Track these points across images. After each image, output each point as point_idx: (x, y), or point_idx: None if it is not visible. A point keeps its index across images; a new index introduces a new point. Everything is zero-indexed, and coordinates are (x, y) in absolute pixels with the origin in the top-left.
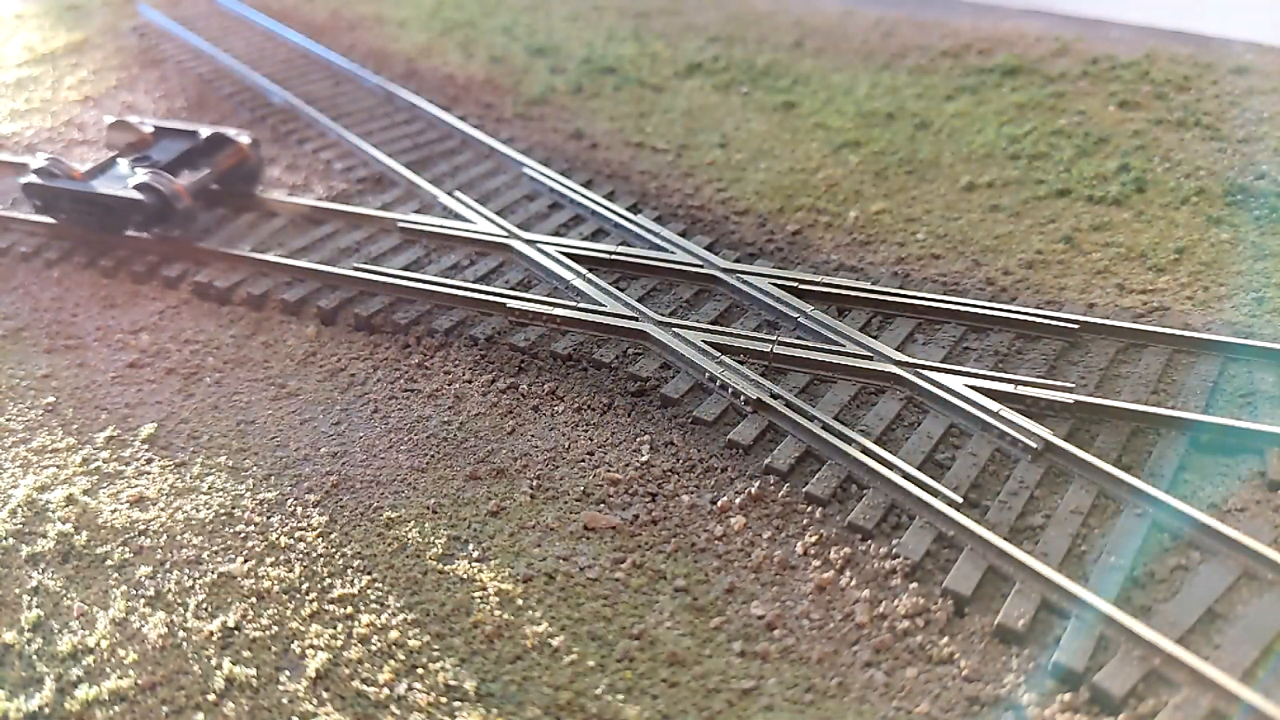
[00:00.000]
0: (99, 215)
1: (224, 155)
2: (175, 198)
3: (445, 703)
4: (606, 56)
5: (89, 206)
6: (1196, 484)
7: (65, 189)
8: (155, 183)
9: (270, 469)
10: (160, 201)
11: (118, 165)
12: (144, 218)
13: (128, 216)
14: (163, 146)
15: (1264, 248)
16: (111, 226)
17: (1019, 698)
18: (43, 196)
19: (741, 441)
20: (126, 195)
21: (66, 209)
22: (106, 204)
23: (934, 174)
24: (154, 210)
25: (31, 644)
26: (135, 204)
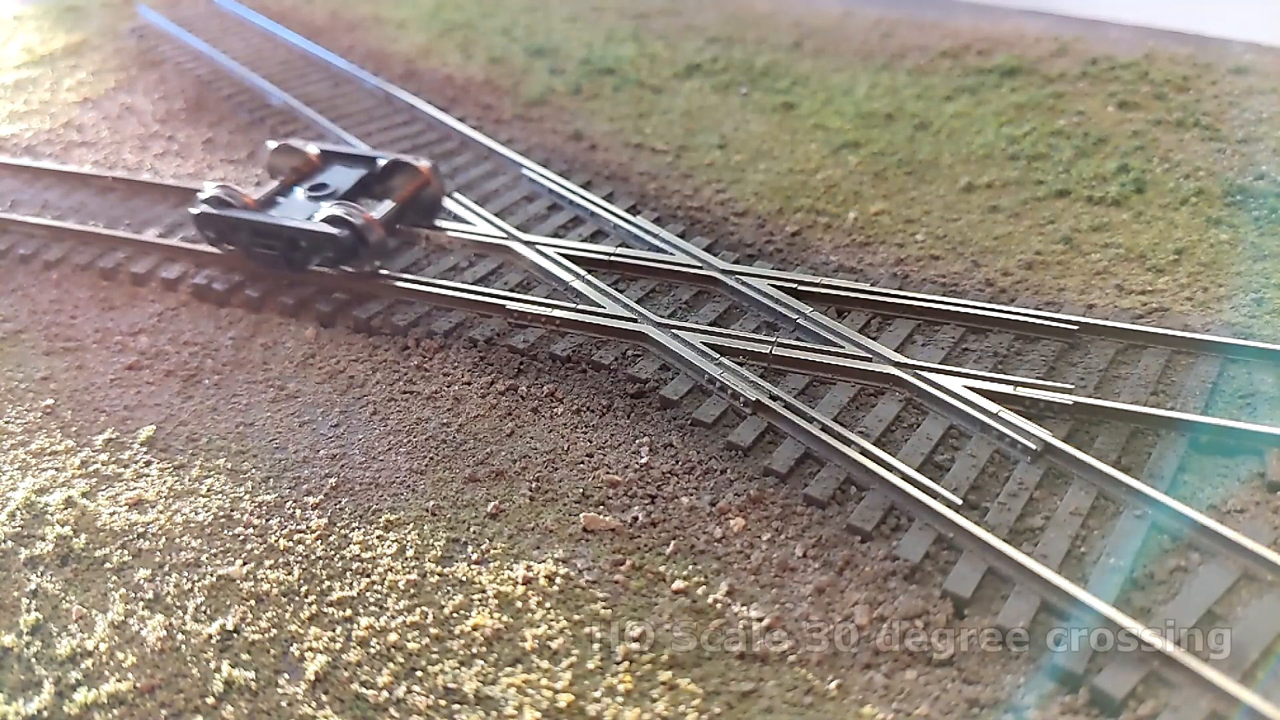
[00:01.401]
0: (283, 249)
1: (404, 182)
2: (368, 230)
3: (445, 705)
4: (606, 57)
5: (272, 240)
6: (1196, 485)
7: (245, 220)
8: (348, 215)
9: (269, 471)
10: (354, 235)
11: (294, 194)
12: (336, 252)
13: (316, 251)
14: (335, 173)
15: (1263, 248)
16: (296, 261)
17: (1018, 700)
18: (217, 228)
19: (741, 443)
20: (317, 228)
21: (244, 241)
22: (293, 237)
23: (933, 175)
24: (347, 244)
25: (30, 647)
26: (327, 238)
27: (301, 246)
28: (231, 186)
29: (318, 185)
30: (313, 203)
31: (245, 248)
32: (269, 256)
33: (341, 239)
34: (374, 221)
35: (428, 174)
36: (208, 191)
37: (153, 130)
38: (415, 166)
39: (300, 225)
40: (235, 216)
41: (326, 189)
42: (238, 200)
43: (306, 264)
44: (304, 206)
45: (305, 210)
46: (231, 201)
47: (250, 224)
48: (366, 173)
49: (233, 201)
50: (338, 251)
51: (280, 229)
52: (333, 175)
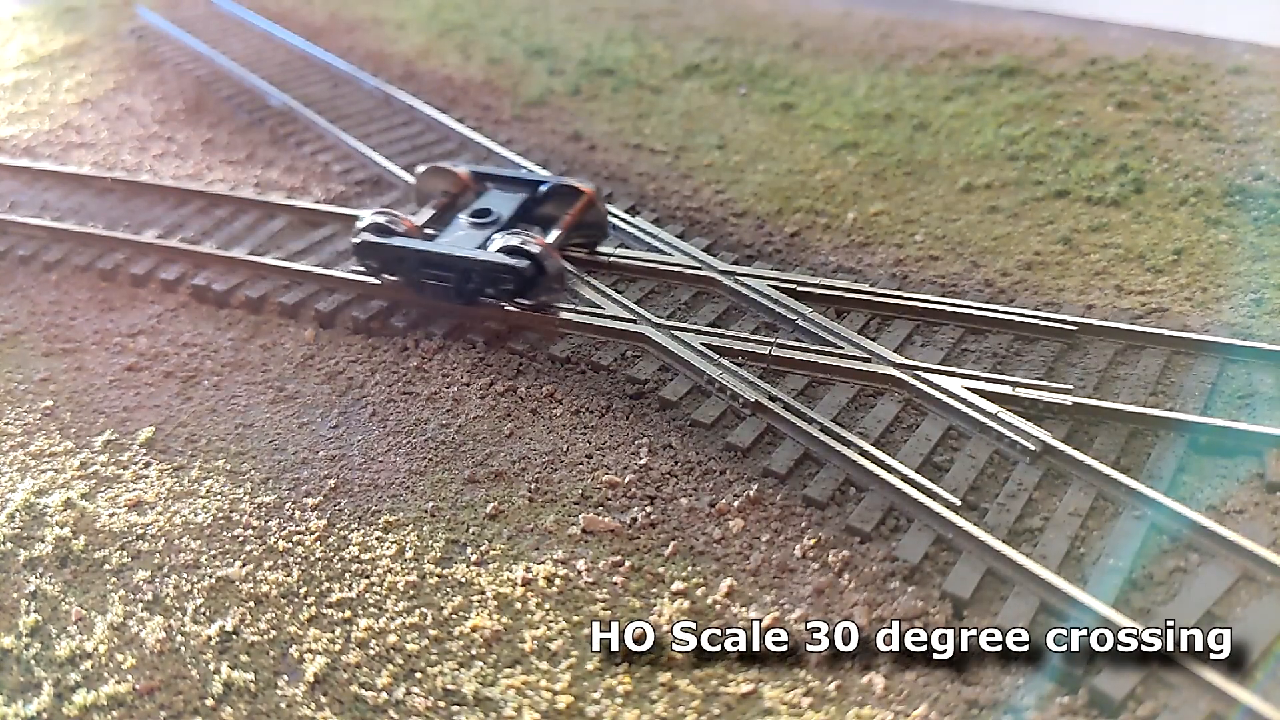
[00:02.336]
0: (456, 281)
1: (567, 206)
2: (549, 260)
3: (444, 707)
4: (605, 58)
5: (444, 271)
6: (1195, 486)
7: (415, 250)
8: (527, 244)
9: (268, 472)
10: (535, 266)
11: (457, 221)
12: (515, 285)
13: (493, 283)
14: (496, 198)
15: (1262, 248)
16: (468, 293)
17: (1018, 701)
18: (382, 258)
19: (740, 444)
20: (497, 259)
21: (410, 272)
22: (468, 269)
23: (932, 175)
24: (528, 276)
25: (29, 649)
26: (507, 269)
27: (476, 278)
28: (393, 212)
29: (480, 211)
30: (478, 230)
31: (411, 279)
32: (439, 289)
33: (523, 270)
34: (554, 251)
35: (592, 196)
36: (369, 219)
37: (152, 131)
38: (579, 189)
39: (478, 256)
40: (404, 246)
41: (490, 215)
42: (402, 227)
43: (479, 296)
44: (470, 234)
45: (472, 238)
46: (396, 229)
47: (420, 254)
48: (527, 197)
49: (397, 229)
50: (518, 283)
51: (455, 260)
52: (493, 200)
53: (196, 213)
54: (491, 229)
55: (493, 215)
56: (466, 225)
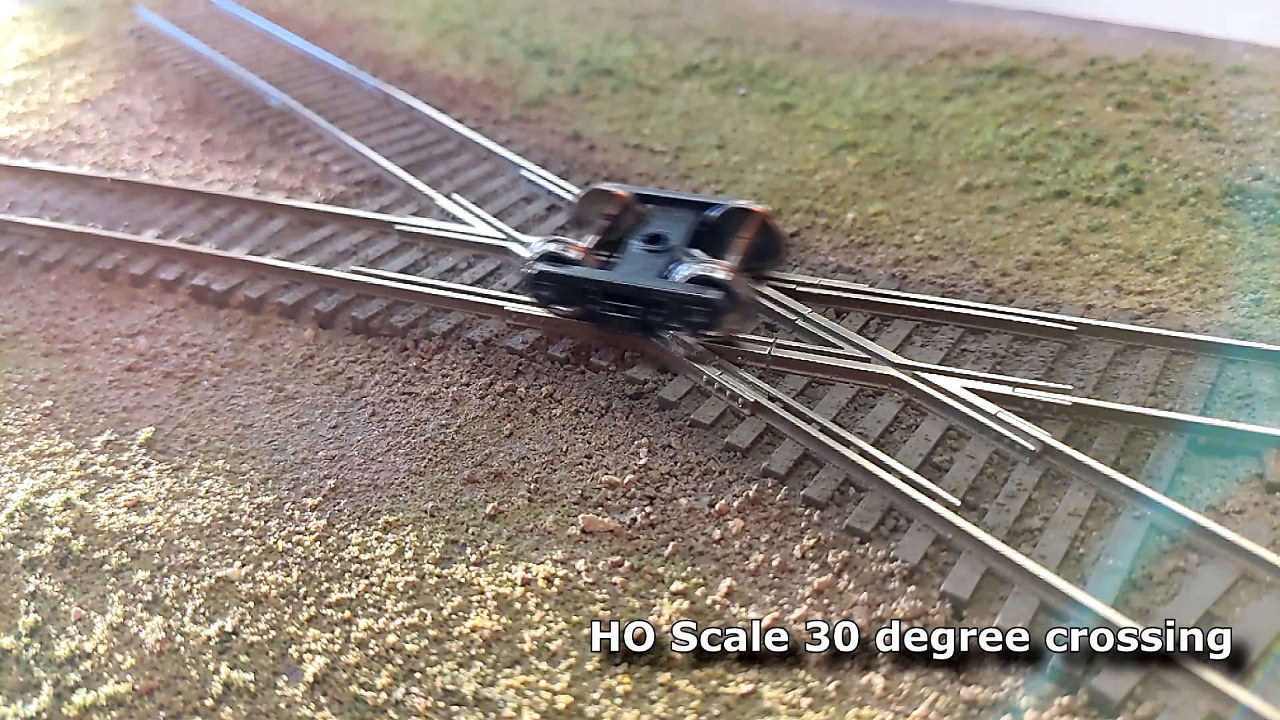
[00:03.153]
0: (640, 313)
1: (741, 229)
2: (741, 290)
3: (444, 707)
4: (604, 58)
5: (628, 302)
6: (1194, 486)
7: (598, 282)
8: (717, 273)
9: (268, 473)
10: (728, 296)
11: (631, 247)
12: (707, 316)
13: (681, 315)
14: (666, 222)
15: (1262, 249)
16: (653, 326)
17: (1017, 701)
18: (560, 289)
19: (739, 444)
20: (689, 291)
21: (590, 304)
22: (656, 300)
23: (932, 175)
24: (720, 307)
25: (29, 649)
26: (699, 301)
27: (663, 310)
28: (565, 239)
29: (653, 237)
30: (654, 257)
31: (590, 310)
32: (622, 320)
33: (716, 302)
34: (743, 279)
35: (766, 217)
36: (542, 247)
37: (151, 131)
38: (751, 210)
39: (669, 289)
40: (587, 277)
41: (664, 242)
42: (575, 255)
43: (664, 328)
44: (647, 262)
45: (649, 266)
46: (573, 258)
47: (604, 286)
48: (696, 220)
49: (574, 258)
50: (709, 315)
51: (641, 291)
52: (663, 225)
53: (196, 213)
54: (667, 256)
55: (667, 241)
56: (641, 252)
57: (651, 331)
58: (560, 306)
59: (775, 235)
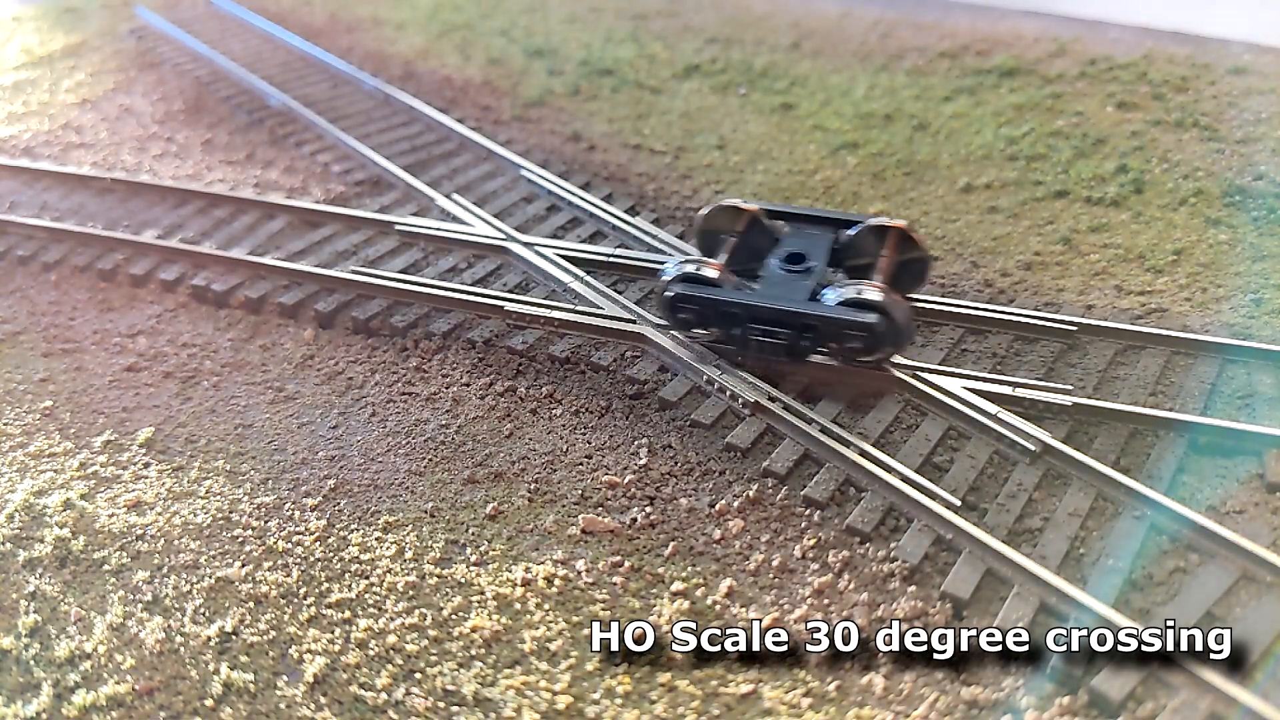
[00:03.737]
0: (791, 338)
1: (883, 247)
2: (902, 314)
3: (444, 707)
4: (604, 58)
5: (776, 327)
6: (1195, 486)
7: (745, 305)
8: (874, 296)
9: (268, 473)
10: (887, 321)
11: (769, 267)
12: (865, 342)
13: (835, 339)
14: (801, 239)
15: (1262, 249)
16: (802, 351)
17: (1017, 701)
18: (699, 312)
19: (739, 444)
20: (846, 315)
21: (736, 328)
22: (809, 324)
23: (932, 175)
24: (881, 332)
25: (29, 649)
26: (857, 326)
27: (815, 334)
28: (702, 259)
29: (794, 256)
30: (796, 278)
31: (734, 335)
32: (769, 345)
33: (875, 326)
34: (904, 303)
35: (908, 232)
36: (678, 268)
37: (151, 131)
38: (891, 225)
39: (823, 312)
40: (732, 300)
41: (805, 261)
42: (715, 276)
43: (812, 354)
44: (791, 283)
45: (795, 288)
46: (711, 279)
47: (751, 309)
48: (833, 237)
49: (713, 278)
50: (868, 341)
51: (794, 315)
52: (801, 243)
53: (196, 213)
54: (811, 277)
55: (808, 261)
56: (783, 273)
57: (800, 357)
58: (698, 330)
59: (919, 252)
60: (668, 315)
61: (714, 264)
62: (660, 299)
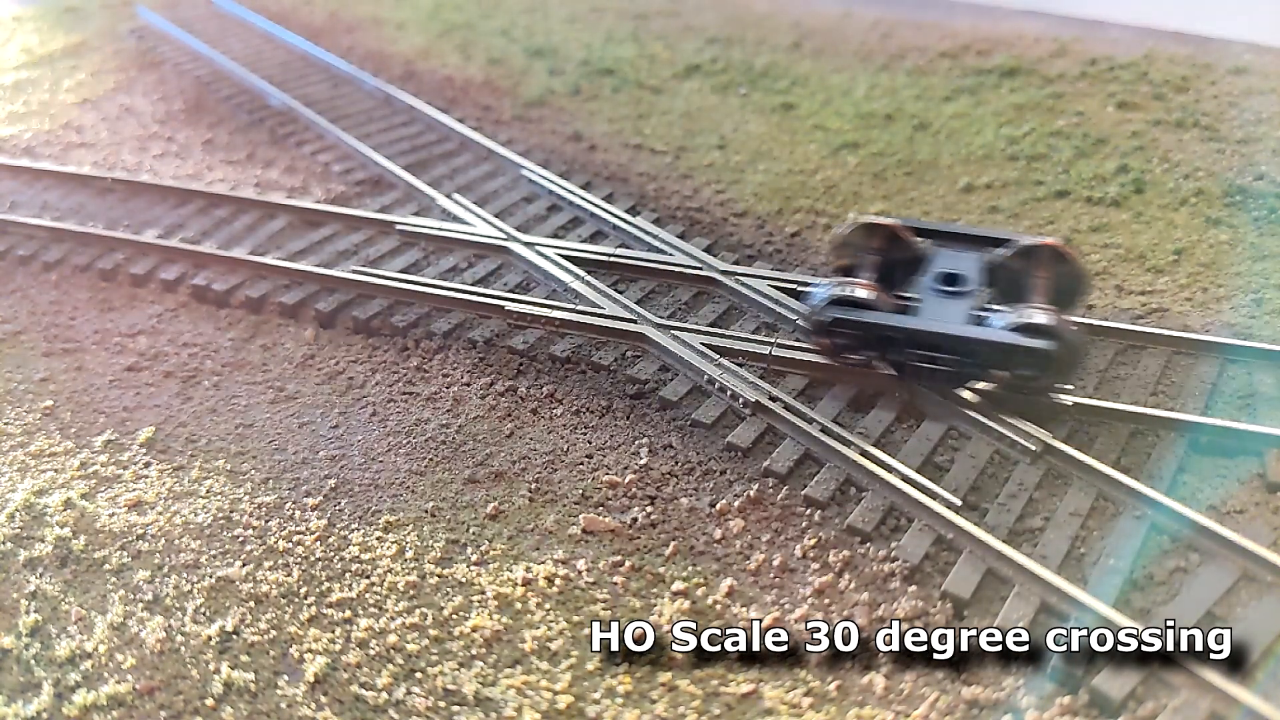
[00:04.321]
0: (954, 364)
1: (1038, 266)
2: (1071, 335)
3: (444, 707)
4: (605, 58)
5: (940, 352)
6: (1195, 486)
7: (908, 329)
8: (1045, 320)
9: (268, 472)
10: (1063, 346)
11: (925, 288)
12: (1037, 369)
13: (1003, 366)
14: (952, 258)
15: (1262, 248)
16: (966, 378)
17: (1018, 701)
18: (856, 335)
19: (740, 444)
20: (1020, 341)
21: (896, 353)
22: (974, 349)
23: (932, 175)
24: (1056, 358)
25: (29, 649)
26: (1031, 352)
27: (977, 359)
28: (855, 280)
29: (949, 277)
30: (953, 300)
31: (892, 360)
32: (932, 372)
33: (1050, 352)
34: (1072, 325)
35: (1061, 249)
36: (830, 290)
37: (152, 131)
38: (1045, 244)
39: (994, 337)
40: (894, 324)
41: (961, 282)
42: (870, 297)
43: (977, 380)
44: (950, 305)
45: (955, 310)
46: (866, 300)
47: (914, 334)
48: (985, 256)
49: (867, 300)
50: (1042, 367)
51: (962, 340)
52: (952, 262)
53: (196, 213)
54: (969, 299)
55: (964, 282)
56: (939, 294)
57: (964, 384)
58: (851, 355)
59: (1075, 271)
60: (822, 338)
61: (867, 284)
62: (812, 322)
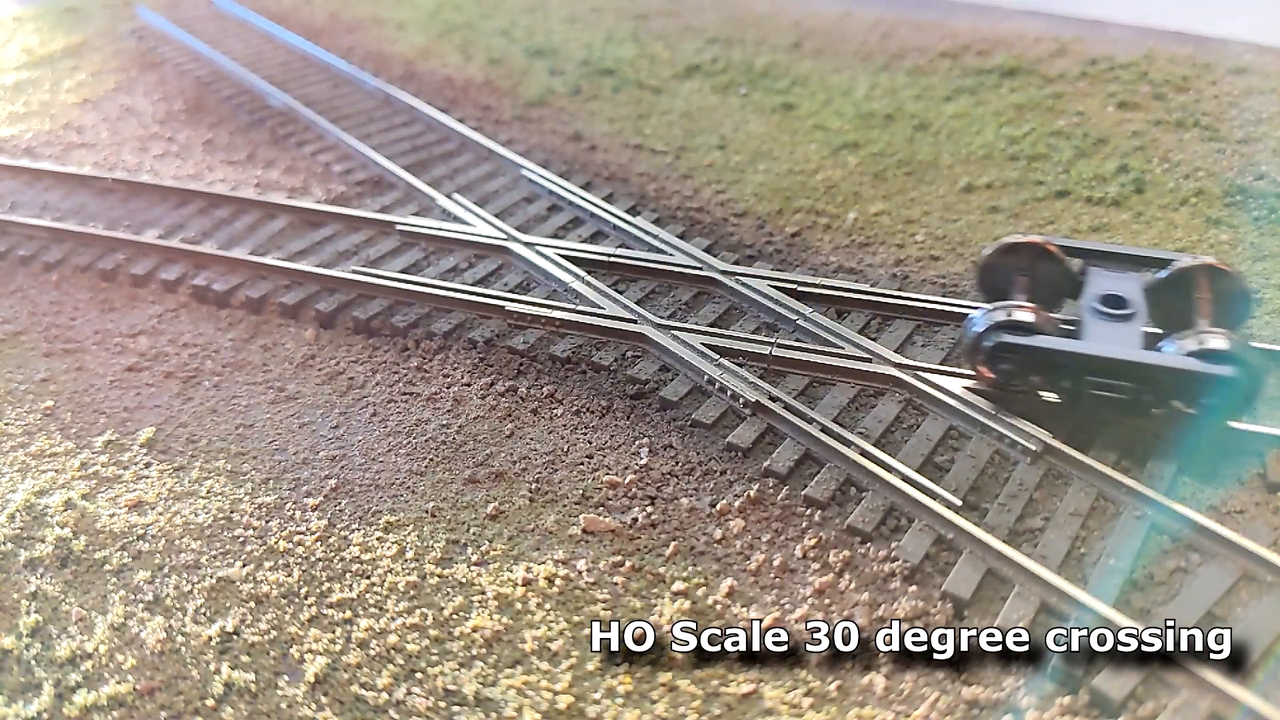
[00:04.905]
0: (1131, 392)
1: (1199, 285)
2: (1258, 361)
3: (444, 707)
4: (605, 58)
5: (1118, 381)
6: (1195, 486)
7: (1084, 356)
8: (1225, 345)
9: (269, 473)
10: (1248, 373)
11: (1085, 311)
12: (1222, 398)
13: (1187, 396)
14: (1110, 279)
15: (1263, 248)
16: (1142, 408)
17: (1018, 701)
18: (1025, 363)
19: (740, 444)
20: (1205, 368)
21: (1067, 381)
22: (1153, 377)
23: (933, 175)
24: (1240, 386)
25: (30, 649)
26: (1217, 380)
27: (1155, 388)
28: (1010, 304)
29: (1113, 299)
30: (1119, 324)
31: (1061, 386)
32: (1106, 400)
33: (1238, 381)
34: (1254, 350)
35: (1225, 269)
36: (991, 315)
37: (152, 131)
38: (1205, 263)
39: (1175, 364)
40: (1067, 350)
41: (1125, 306)
42: (1035, 321)
43: (1153, 410)
44: (1118, 329)
45: (1124, 335)
46: (1032, 325)
47: (1087, 360)
48: (1144, 278)
49: (1033, 324)
50: (1228, 395)
51: (1139, 367)
52: (1111, 283)
53: (197, 213)
54: (1133, 322)
55: (1128, 305)
56: (1104, 318)
57: (1140, 414)
58: (1014, 384)
59: (1239, 290)
60: (986, 364)
61: (1028, 307)
62: (974, 349)
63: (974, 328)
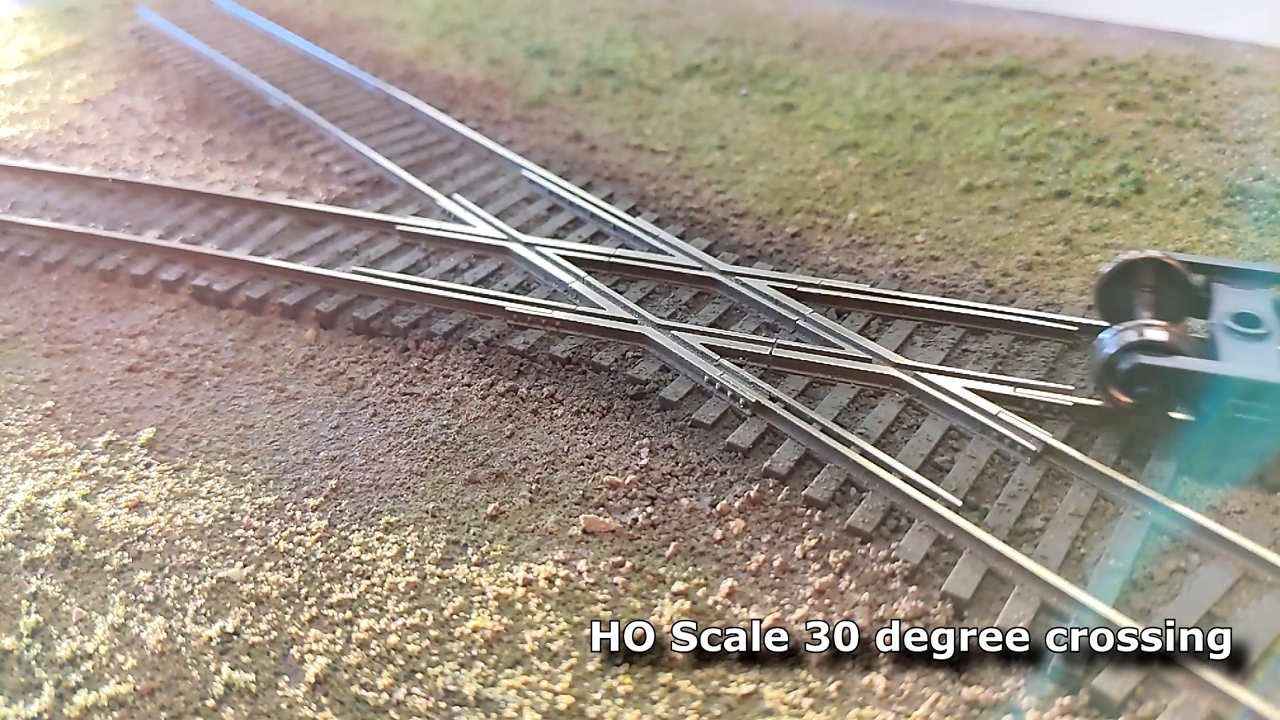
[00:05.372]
0: (1276, 416)
1: None
2: None
3: (445, 708)
4: (605, 59)
5: (1261, 403)
6: (1195, 486)
7: (1239, 378)
8: None
9: (269, 473)
10: None
11: (1218, 330)
12: None
13: None
14: (1239, 296)
15: (1263, 249)
16: None
17: (1018, 702)
18: (1168, 384)
19: (740, 444)
20: None
21: (1211, 404)
22: None
23: (933, 175)
24: None
25: (30, 650)
26: None
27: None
28: (1142, 323)
29: (1246, 318)
30: (1253, 342)
31: (1200, 409)
32: (1251, 424)
33: None
34: None
35: None
36: (1118, 335)
37: (153, 132)
38: None
39: None
40: (1215, 372)
41: (1259, 325)
42: (1170, 341)
43: None
44: (1251, 349)
45: (1257, 354)
46: (1168, 345)
47: (1239, 383)
48: (1272, 294)
49: (1169, 344)
50: None
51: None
52: (1240, 300)
53: (197, 213)
54: (1270, 341)
55: (1262, 324)
56: (1235, 336)
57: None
58: (1153, 407)
59: None
60: (1119, 388)
61: (1161, 325)
62: (1107, 372)
63: (1104, 349)
